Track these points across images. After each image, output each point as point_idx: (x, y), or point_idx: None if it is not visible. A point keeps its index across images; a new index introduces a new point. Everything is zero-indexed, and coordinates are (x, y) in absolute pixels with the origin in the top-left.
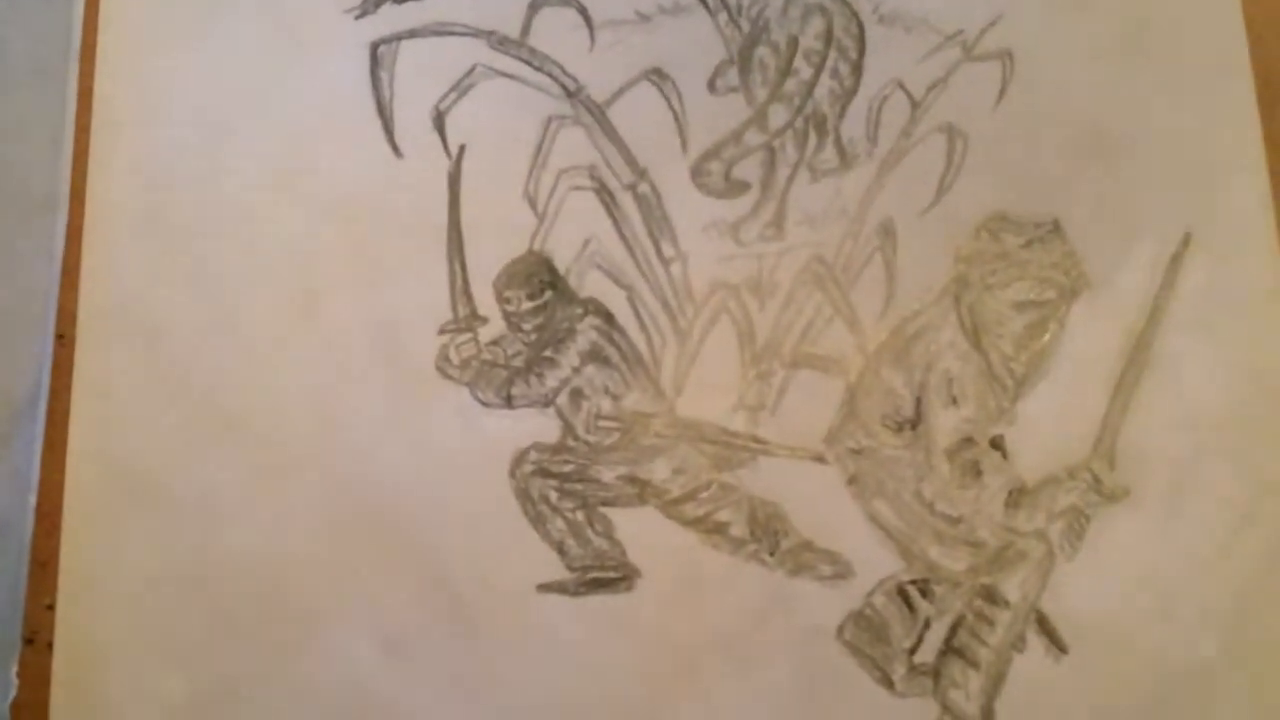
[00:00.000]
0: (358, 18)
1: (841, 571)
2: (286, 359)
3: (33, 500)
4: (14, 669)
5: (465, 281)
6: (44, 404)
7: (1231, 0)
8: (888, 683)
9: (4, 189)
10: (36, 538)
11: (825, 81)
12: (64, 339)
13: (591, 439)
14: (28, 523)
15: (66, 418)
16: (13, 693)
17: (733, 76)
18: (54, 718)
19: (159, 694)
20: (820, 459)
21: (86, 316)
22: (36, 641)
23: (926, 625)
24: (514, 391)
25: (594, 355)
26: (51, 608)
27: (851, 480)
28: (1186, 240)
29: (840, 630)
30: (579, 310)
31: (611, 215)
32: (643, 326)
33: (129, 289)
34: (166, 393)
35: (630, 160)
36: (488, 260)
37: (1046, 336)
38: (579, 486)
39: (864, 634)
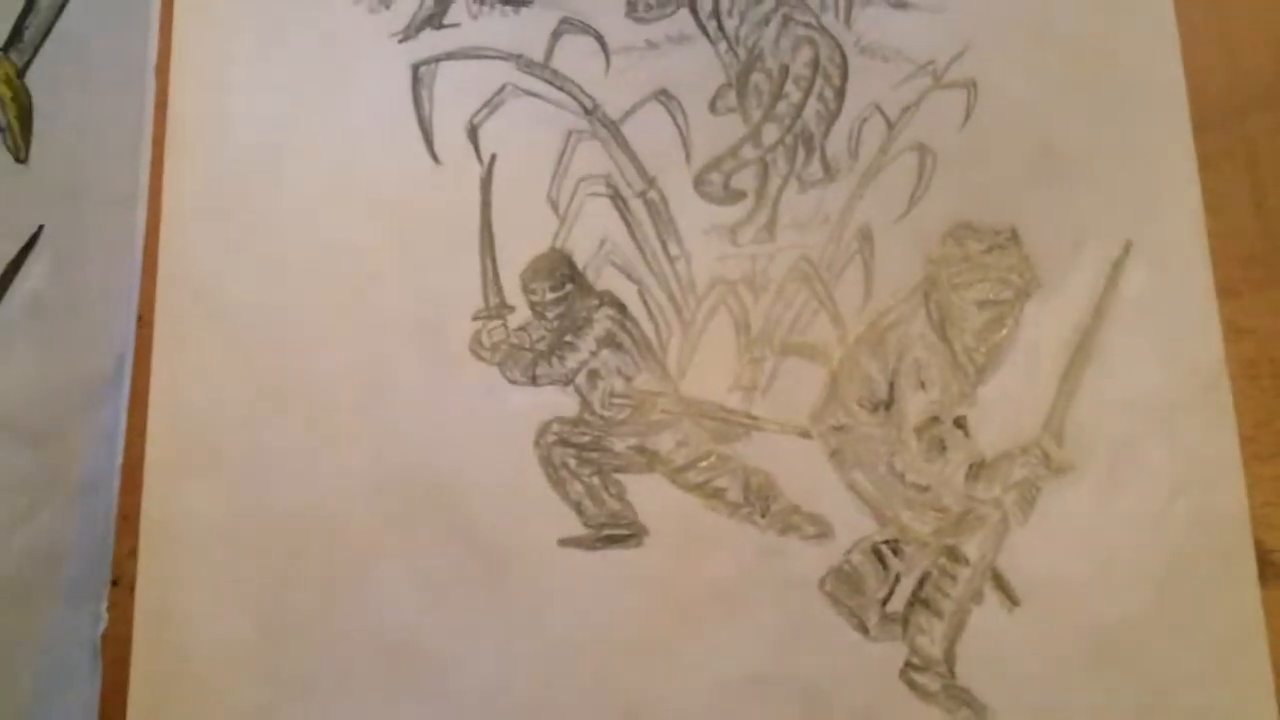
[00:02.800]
0: (401, 41)
1: (823, 532)
2: (338, 339)
3: (119, 461)
4: (104, 605)
5: (495, 274)
6: (128, 377)
7: (1169, 35)
8: (863, 628)
9: (91, 187)
10: (122, 493)
11: (812, 104)
12: (144, 320)
13: (606, 414)
14: (115, 480)
15: (147, 389)
16: (103, 625)
17: (731, 98)
18: (135, 648)
19: (226, 631)
20: (806, 434)
21: (163, 301)
22: (121, 583)
23: (897, 579)
24: (538, 372)
25: (608, 341)
26: (133, 554)
27: (833, 453)
28: (1127, 248)
29: (822, 582)
30: (595, 301)
31: (624, 218)
32: (651, 316)
33: (200, 277)
34: (232, 368)
35: (641, 170)
36: (515, 256)
37: (1004, 331)
38: (595, 455)
39: (843, 586)
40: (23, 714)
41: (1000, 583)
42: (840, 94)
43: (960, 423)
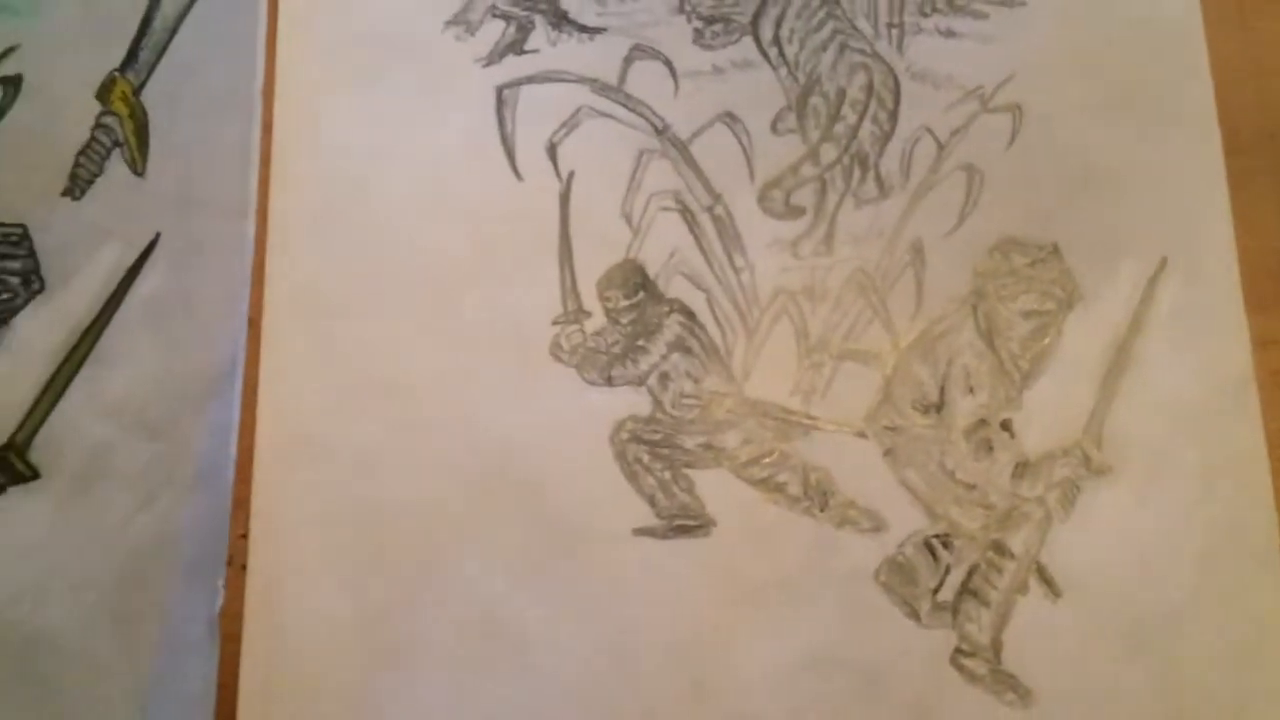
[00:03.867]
0: (485, 66)
1: (878, 525)
2: (430, 342)
3: (233, 452)
4: (221, 584)
5: (574, 283)
6: (240, 375)
7: (1201, 64)
8: (915, 616)
9: (203, 199)
10: (235, 482)
11: (867, 126)
12: (253, 322)
13: (676, 413)
14: (229, 469)
15: (256, 385)
16: (219, 602)
17: (791, 120)
18: (247, 623)
19: (328, 610)
20: (862, 434)
21: (270, 305)
22: (234, 563)
23: (947, 571)
24: (613, 373)
25: (678, 345)
26: (245, 537)
27: (887, 452)
28: (1163, 263)
29: (877, 573)
30: (666, 308)
31: (692, 232)
32: (718, 323)
33: (304, 283)
34: (333, 367)
35: (708, 187)
36: (592, 265)
37: (1047, 339)
38: (666, 451)
39: (896, 576)
40: (149, 682)
41: (1043, 575)
42: (893, 117)
43: (1006, 425)
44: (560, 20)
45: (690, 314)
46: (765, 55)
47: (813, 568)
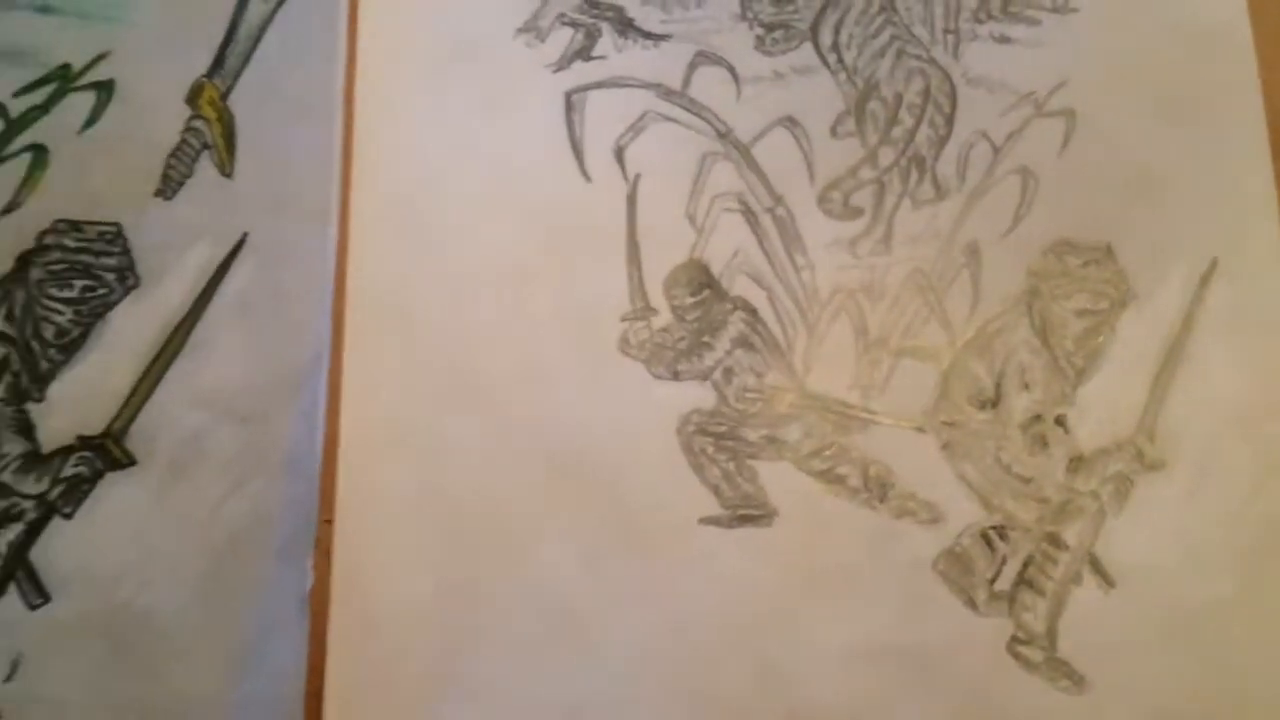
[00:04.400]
0: (555, 72)
1: (936, 517)
2: (504, 337)
3: (319, 439)
4: (310, 564)
5: (641, 281)
6: (325, 369)
7: (1249, 68)
8: (973, 605)
9: (289, 200)
10: (321, 470)
11: (924, 130)
12: (337, 319)
13: (740, 407)
14: (316, 457)
15: (340, 377)
16: (309, 582)
17: (850, 124)
18: (334, 603)
19: (409, 590)
20: (920, 429)
21: (353, 303)
22: (320, 547)
23: (1004, 562)
24: (679, 368)
25: (742, 342)
26: (330, 522)
27: (944, 446)
28: (1213, 264)
29: (935, 563)
30: (729, 306)
31: (755, 232)
32: (780, 320)
33: (384, 282)
34: (412, 360)
35: (769, 189)
36: (658, 264)
37: (1100, 338)
38: (730, 443)
39: (954, 566)
40: (245, 654)
41: (1097, 566)
42: (949, 121)
43: (1061, 421)
44: (626, 27)
45: (753, 311)
46: (824, 61)
47: (873, 557)
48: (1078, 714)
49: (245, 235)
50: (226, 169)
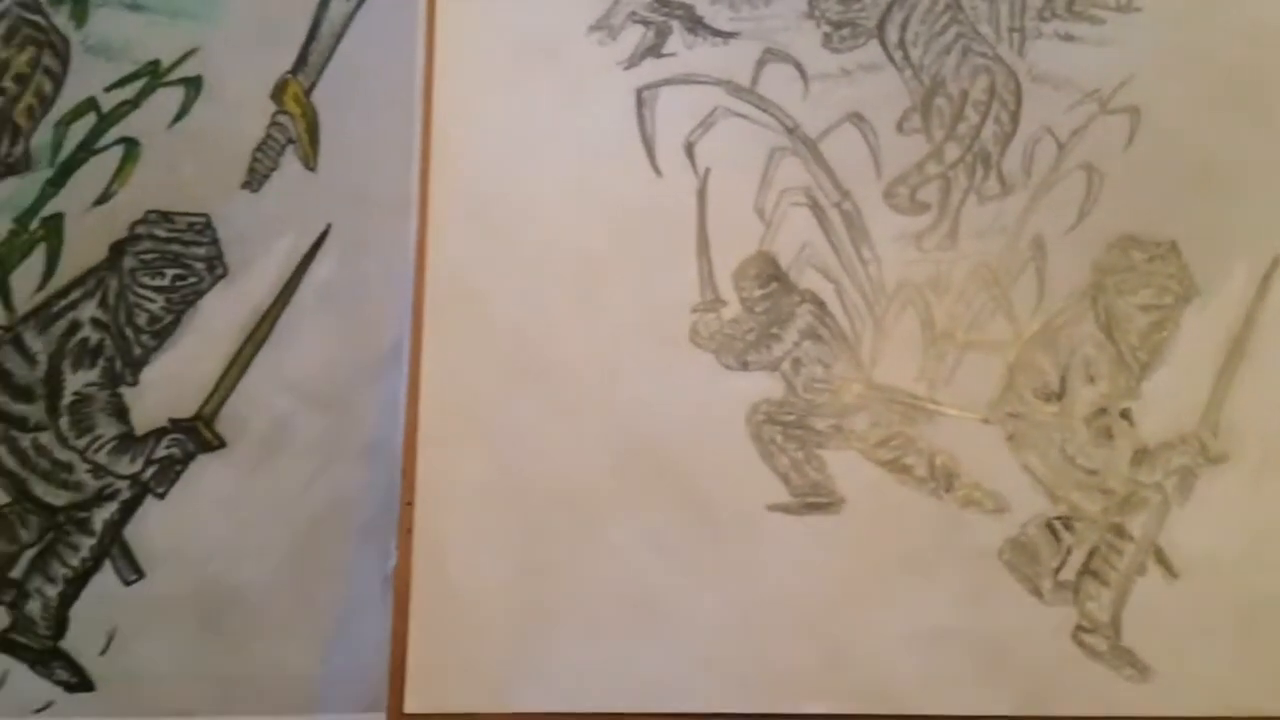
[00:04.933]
0: (626, 69)
1: (1001, 507)
2: (577, 327)
3: (401, 424)
4: (394, 545)
5: (711, 273)
6: (406, 357)
7: None
8: (1038, 593)
9: (370, 193)
10: (403, 454)
11: (989, 126)
12: (417, 307)
13: (808, 397)
14: (398, 442)
15: (419, 365)
16: (393, 561)
17: (916, 120)
18: (415, 582)
19: (488, 571)
20: (985, 420)
21: (431, 293)
22: (402, 527)
23: (1069, 552)
24: (749, 358)
25: (809, 333)
26: (411, 504)
27: (1010, 438)
28: (1276, 262)
29: (1000, 551)
30: (798, 298)
31: (822, 226)
32: (847, 312)
33: (461, 274)
34: (488, 348)
35: (836, 184)
36: (727, 257)
37: (1165, 333)
38: (798, 432)
39: (1020, 556)
40: (331, 630)
41: (1161, 557)
42: (1015, 117)
43: (1125, 414)
44: (696, 25)
45: (821, 304)
46: (891, 58)
47: (939, 545)
48: (1141, 701)
49: (328, 227)
50: (310, 163)
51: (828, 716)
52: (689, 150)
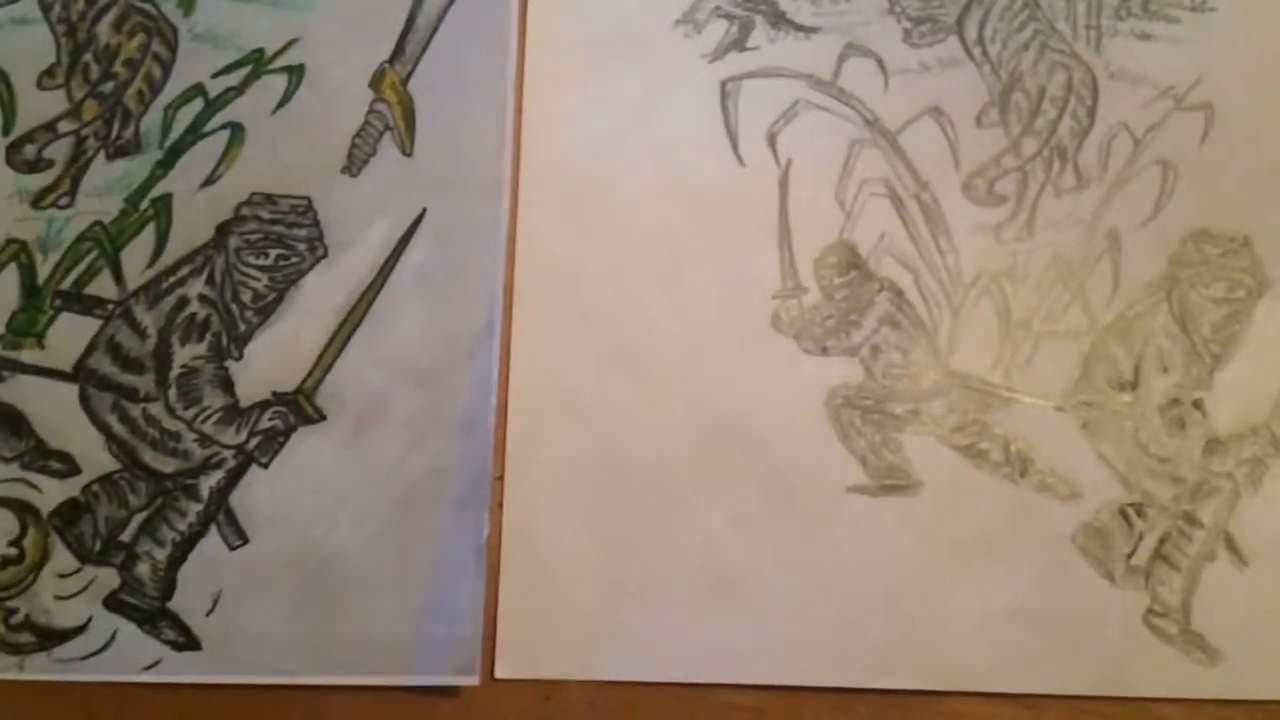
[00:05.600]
0: (711, 62)
1: (1074, 493)
2: (662, 311)
3: (493, 402)
4: (486, 516)
5: (792, 261)
6: (498, 336)
7: None
8: (1110, 578)
9: (464, 178)
10: (495, 429)
11: (1066, 121)
12: (508, 289)
13: (886, 382)
14: (490, 418)
15: (510, 345)
16: (485, 532)
17: (994, 115)
18: (505, 554)
19: (574, 545)
20: (1060, 408)
21: (521, 274)
22: (493, 500)
23: (1140, 537)
24: (828, 344)
25: (888, 320)
26: (501, 479)
27: (1084, 425)
28: None
29: (1073, 536)
30: (877, 286)
31: (901, 216)
32: (925, 301)
33: (550, 256)
34: (578, 333)
35: (915, 175)
36: (808, 245)
37: (1237, 325)
38: (876, 416)
39: (1092, 540)
40: (426, 596)
41: (1231, 544)
42: (1091, 113)
43: (1198, 404)
44: (779, 20)
45: (899, 292)
46: (970, 54)
47: (1013, 529)
48: (1210, 684)
49: (424, 211)
50: (407, 149)
51: (903, 692)
52: (771, 141)
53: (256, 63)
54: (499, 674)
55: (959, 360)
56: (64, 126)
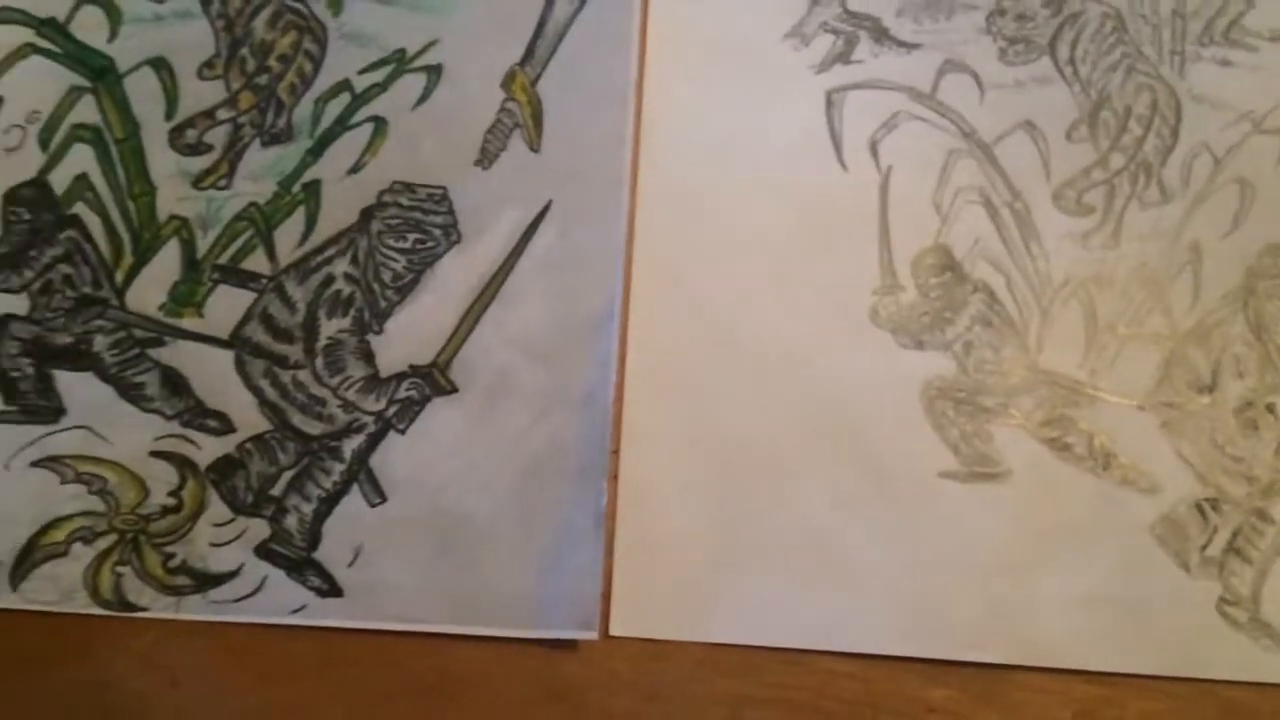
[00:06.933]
0: (817, 73)
1: (1154, 487)
2: (769, 302)
3: (613, 379)
4: (604, 485)
5: (890, 261)
6: (617, 319)
7: None
8: (1185, 567)
9: (587, 173)
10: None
11: (1151, 139)
12: (626, 277)
13: (978, 377)
14: (610, 394)
15: (627, 329)
16: (604, 501)
17: (1083, 131)
18: (619, 523)
19: (684, 517)
20: (1141, 408)
21: (638, 262)
22: (608, 473)
23: (1215, 530)
24: (924, 339)
25: (980, 319)
26: (616, 452)
27: (1164, 424)
28: None
29: (1152, 527)
30: (970, 287)
31: (994, 222)
32: (1016, 302)
33: (665, 247)
34: (688, 317)
35: (1009, 185)
36: (906, 247)
37: None
38: (968, 408)
39: (1169, 532)
40: (548, 557)
41: None
42: (1175, 133)
43: (1270, 408)
44: (882, 36)
45: (991, 293)
46: (1061, 73)
47: (1095, 518)
48: (1277, 669)
49: (550, 202)
50: (535, 145)
51: (989, 665)
52: (873, 149)
53: (399, 62)
54: (613, 631)
55: (1047, 359)
56: (222, 114)
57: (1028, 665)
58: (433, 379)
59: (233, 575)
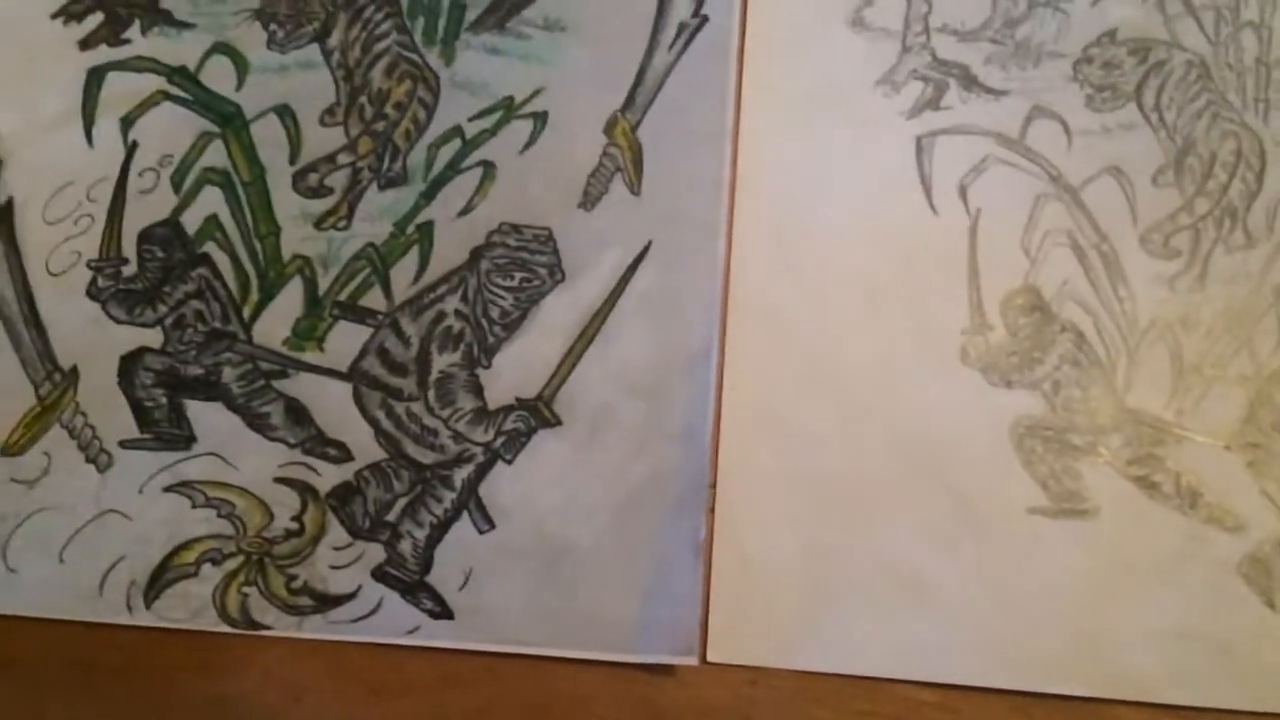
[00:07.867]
0: (908, 119)
1: (1240, 525)
2: (862, 342)
3: (710, 415)
4: (703, 517)
5: (979, 301)
6: (714, 357)
7: None
8: (1271, 605)
9: (685, 216)
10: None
11: (1236, 185)
12: (722, 316)
13: (1066, 415)
14: (707, 430)
15: (724, 366)
16: (703, 532)
17: (1169, 176)
18: (716, 555)
19: (778, 550)
20: (1227, 447)
21: (734, 303)
22: (705, 506)
23: None
24: (1013, 378)
25: (1069, 359)
26: (713, 485)
27: (1250, 464)
28: None
29: (1238, 565)
30: (1059, 327)
31: (1082, 264)
32: (1103, 343)
33: (761, 288)
34: (782, 355)
35: (1096, 228)
36: (995, 288)
37: None
38: (1057, 446)
39: (1255, 569)
40: (648, 586)
41: None
42: (1259, 178)
43: None
44: (971, 83)
45: (1079, 334)
46: (1147, 119)
47: (1182, 555)
48: None
49: (649, 243)
50: (635, 189)
51: (1076, 698)
52: (962, 192)
53: (507, 109)
54: (710, 658)
55: (1134, 398)
56: (342, 159)
57: (1114, 699)
58: (538, 412)
59: (351, 597)
